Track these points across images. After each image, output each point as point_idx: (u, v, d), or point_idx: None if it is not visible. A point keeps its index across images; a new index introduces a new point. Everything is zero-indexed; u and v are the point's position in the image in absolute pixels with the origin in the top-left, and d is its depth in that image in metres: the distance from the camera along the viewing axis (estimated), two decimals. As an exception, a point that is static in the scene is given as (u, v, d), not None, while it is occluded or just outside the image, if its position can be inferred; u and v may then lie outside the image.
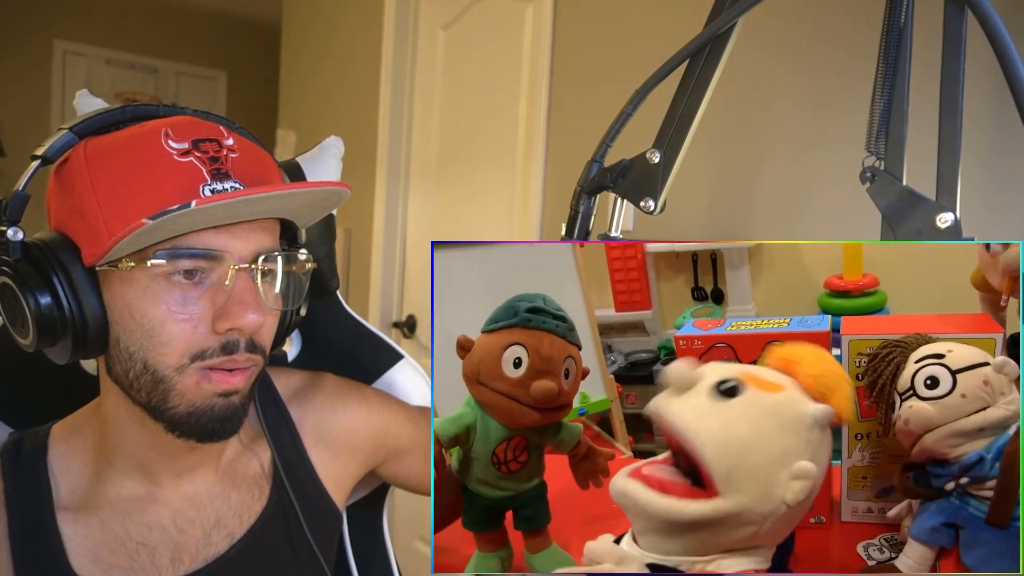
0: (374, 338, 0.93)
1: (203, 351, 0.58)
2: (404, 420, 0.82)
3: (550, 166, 1.73)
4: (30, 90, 3.99)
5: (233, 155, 0.60)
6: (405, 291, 2.33)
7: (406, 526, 2.17)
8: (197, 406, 0.59)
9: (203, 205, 0.53)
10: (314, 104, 2.83)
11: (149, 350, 0.58)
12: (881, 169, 0.69)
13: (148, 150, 0.57)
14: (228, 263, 0.58)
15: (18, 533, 0.62)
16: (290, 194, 0.59)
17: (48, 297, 0.56)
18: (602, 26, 1.60)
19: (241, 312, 0.58)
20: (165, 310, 0.57)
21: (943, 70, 0.65)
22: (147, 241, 0.55)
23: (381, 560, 0.95)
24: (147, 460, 0.65)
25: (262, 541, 0.70)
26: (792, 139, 1.27)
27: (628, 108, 0.83)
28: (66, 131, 0.59)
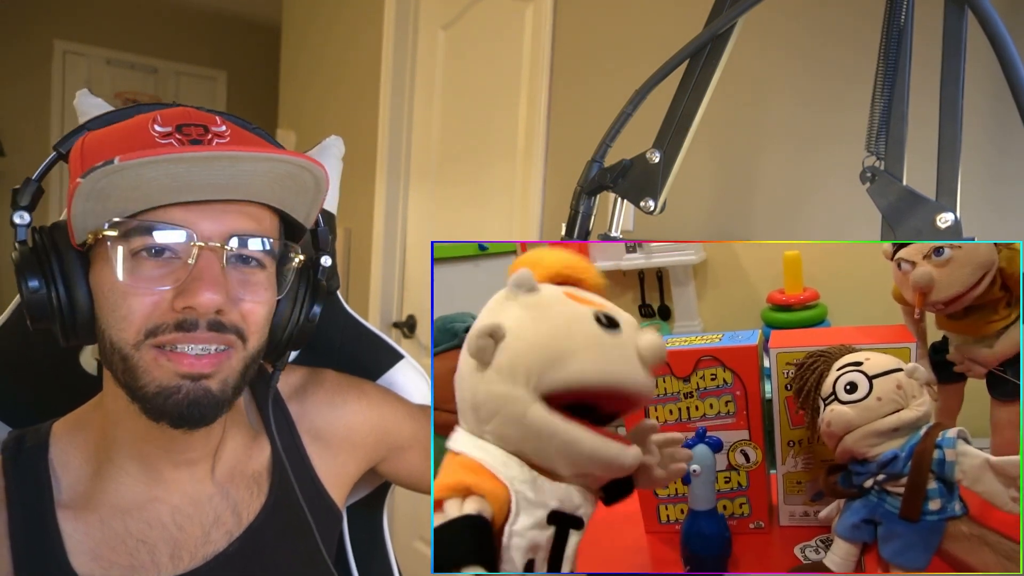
0: (374, 338, 0.93)
1: (157, 326, 0.58)
2: (404, 417, 0.82)
3: (550, 166, 1.73)
4: (30, 90, 3.99)
5: (221, 140, 0.60)
6: (405, 291, 2.33)
7: (406, 526, 2.17)
8: (164, 386, 0.58)
9: (127, 160, 0.52)
10: (314, 104, 2.83)
11: (112, 326, 0.58)
12: (881, 169, 0.70)
13: (133, 137, 0.59)
14: (192, 241, 0.58)
15: (18, 531, 0.62)
16: (235, 157, 0.56)
17: (36, 280, 0.58)
18: (602, 26, 1.60)
19: (197, 289, 0.57)
20: (127, 285, 0.57)
21: (943, 70, 0.65)
22: (104, 212, 0.56)
23: (381, 560, 0.95)
24: (145, 452, 0.65)
25: (261, 539, 0.70)
26: (792, 139, 1.27)
27: (628, 108, 0.83)
28: (84, 129, 0.63)
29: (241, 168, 0.57)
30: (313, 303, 0.70)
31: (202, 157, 0.55)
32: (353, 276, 2.49)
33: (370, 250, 2.34)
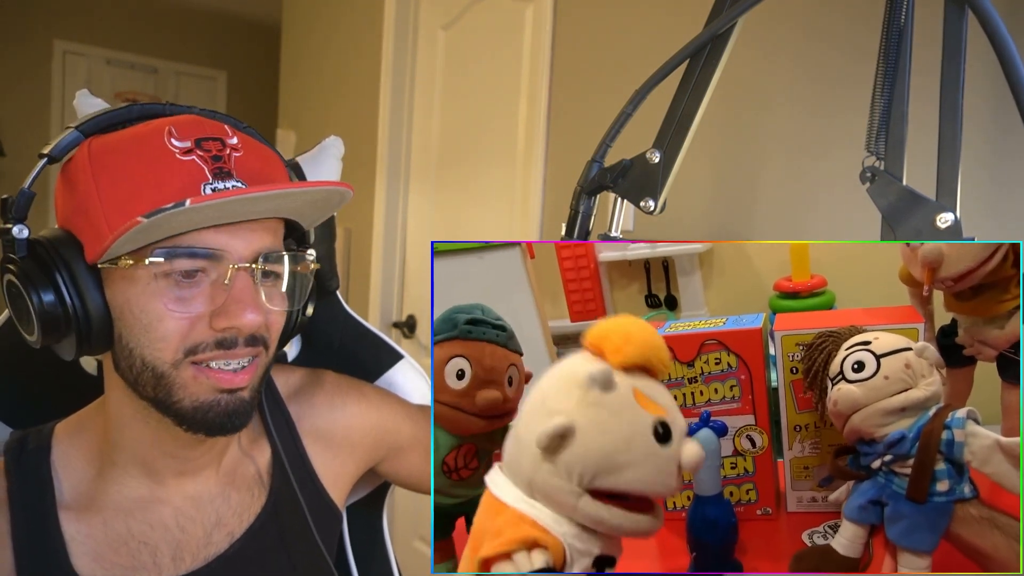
0: (374, 338, 0.93)
1: (197, 345, 0.58)
2: (403, 417, 0.82)
3: (550, 166, 1.73)
4: (30, 90, 3.99)
5: (237, 154, 0.60)
6: (405, 291, 2.33)
7: (406, 526, 2.17)
8: (202, 401, 0.60)
9: (198, 204, 0.53)
10: (314, 104, 2.83)
11: (146, 346, 0.58)
12: (881, 169, 0.70)
13: (150, 148, 0.58)
14: (228, 262, 0.58)
15: (20, 532, 0.62)
16: (290, 193, 0.59)
17: (51, 294, 0.57)
18: (602, 26, 1.60)
19: (239, 311, 0.58)
20: (163, 307, 0.57)
21: (943, 70, 0.65)
22: (146, 239, 0.55)
23: (381, 560, 0.95)
24: (150, 458, 0.65)
25: (262, 540, 0.70)
26: (792, 138, 1.27)
27: (628, 108, 0.83)
28: (72, 130, 0.60)
29: (288, 197, 0.59)
30: (310, 302, 0.71)
31: (263, 197, 0.57)
32: (353, 276, 2.49)
33: (370, 250, 2.34)
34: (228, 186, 0.58)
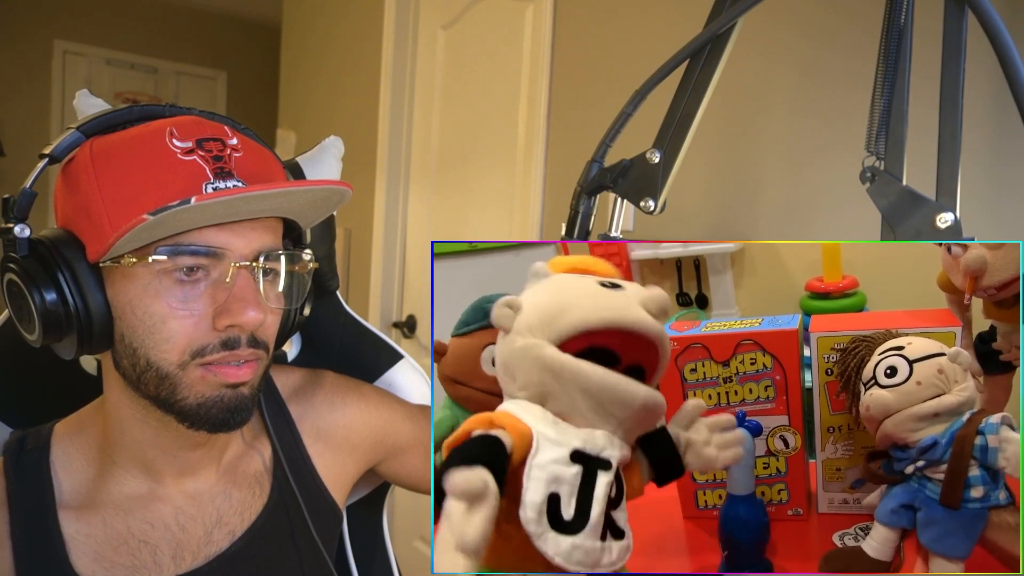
0: (374, 338, 0.93)
1: (203, 347, 0.59)
2: (403, 418, 0.82)
3: (550, 166, 1.73)
4: (30, 90, 3.99)
5: (237, 154, 0.61)
6: (405, 291, 2.33)
7: (406, 526, 2.17)
8: (207, 397, 0.60)
9: (202, 202, 0.53)
10: (314, 104, 2.83)
11: (151, 347, 0.59)
12: (881, 169, 0.70)
13: (152, 149, 0.58)
14: (229, 260, 0.59)
15: (20, 532, 0.62)
16: (290, 192, 0.59)
17: (53, 293, 0.57)
18: (602, 26, 1.60)
19: (241, 309, 0.58)
20: (166, 306, 0.58)
21: (943, 69, 0.65)
22: (149, 238, 0.56)
23: (381, 560, 0.95)
24: (150, 457, 0.65)
25: (262, 539, 0.70)
26: (792, 139, 1.27)
27: (628, 108, 0.83)
28: (73, 130, 0.60)
29: (288, 195, 0.60)
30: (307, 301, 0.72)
31: (265, 195, 0.57)
32: (353, 276, 2.49)
33: (370, 250, 2.34)
34: (229, 185, 0.58)
